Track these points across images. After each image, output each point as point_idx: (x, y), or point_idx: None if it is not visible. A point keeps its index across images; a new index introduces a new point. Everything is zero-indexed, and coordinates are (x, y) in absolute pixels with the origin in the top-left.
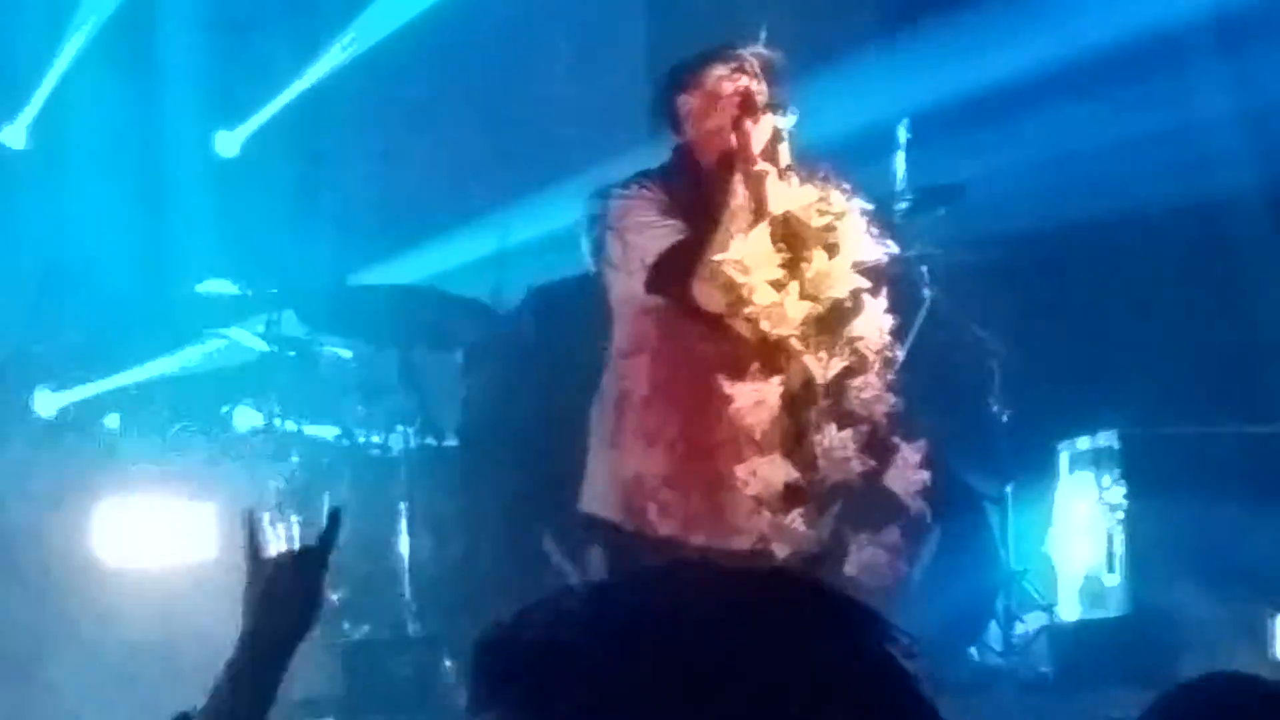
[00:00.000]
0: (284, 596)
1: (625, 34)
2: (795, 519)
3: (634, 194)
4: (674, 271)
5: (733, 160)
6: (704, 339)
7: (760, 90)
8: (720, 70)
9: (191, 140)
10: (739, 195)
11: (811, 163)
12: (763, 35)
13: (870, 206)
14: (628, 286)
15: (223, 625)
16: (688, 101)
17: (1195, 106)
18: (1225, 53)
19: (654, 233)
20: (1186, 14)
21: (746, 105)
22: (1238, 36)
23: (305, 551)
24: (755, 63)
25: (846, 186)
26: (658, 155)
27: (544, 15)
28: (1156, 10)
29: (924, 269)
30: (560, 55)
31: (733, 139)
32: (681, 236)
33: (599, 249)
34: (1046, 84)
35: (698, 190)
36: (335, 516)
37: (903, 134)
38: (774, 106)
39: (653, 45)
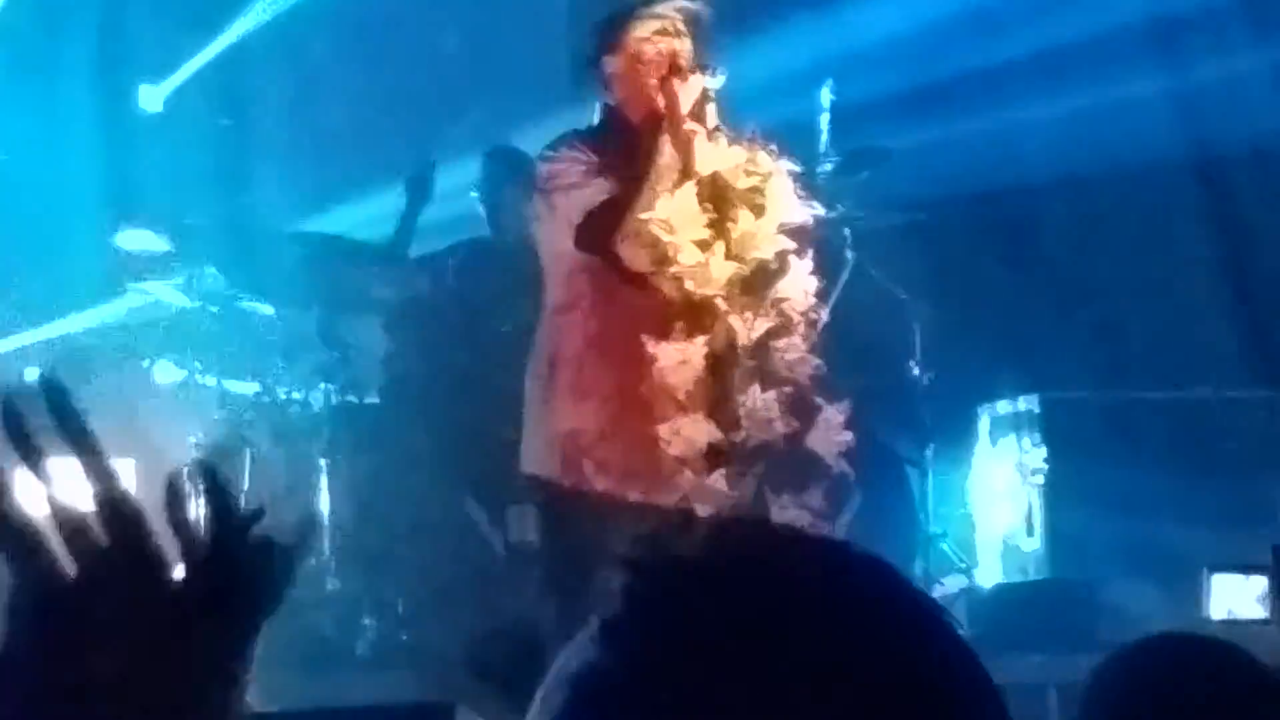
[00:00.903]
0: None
1: None
2: (718, 479)
3: (561, 155)
4: (600, 230)
5: (660, 121)
6: (633, 297)
7: (685, 49)
8: (641, 32)
9: (115, 93)
10: (666, 155)
11: (739, 123)
12: None
13: (797, 168)
14: (557, 245)
15: None
16: (612, 63)
17: (1121, 75)
18: (1152, 24)
19: (581, 193)
20: None
21: (673, 67)
22: (1166, 7)
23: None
24: (679, 20)
25: (774, 147)
26: (581, 114)
27: None
28: None
29: (847, 231)
30: (484, 12)
31: (659, 100)
32: (608, 196)
33: (526, 210)
34: (972, 48)
35: (626, 151)
36: (258, 512)
37: (827, 96)
38: (702, 67)
39: (574, 1)
